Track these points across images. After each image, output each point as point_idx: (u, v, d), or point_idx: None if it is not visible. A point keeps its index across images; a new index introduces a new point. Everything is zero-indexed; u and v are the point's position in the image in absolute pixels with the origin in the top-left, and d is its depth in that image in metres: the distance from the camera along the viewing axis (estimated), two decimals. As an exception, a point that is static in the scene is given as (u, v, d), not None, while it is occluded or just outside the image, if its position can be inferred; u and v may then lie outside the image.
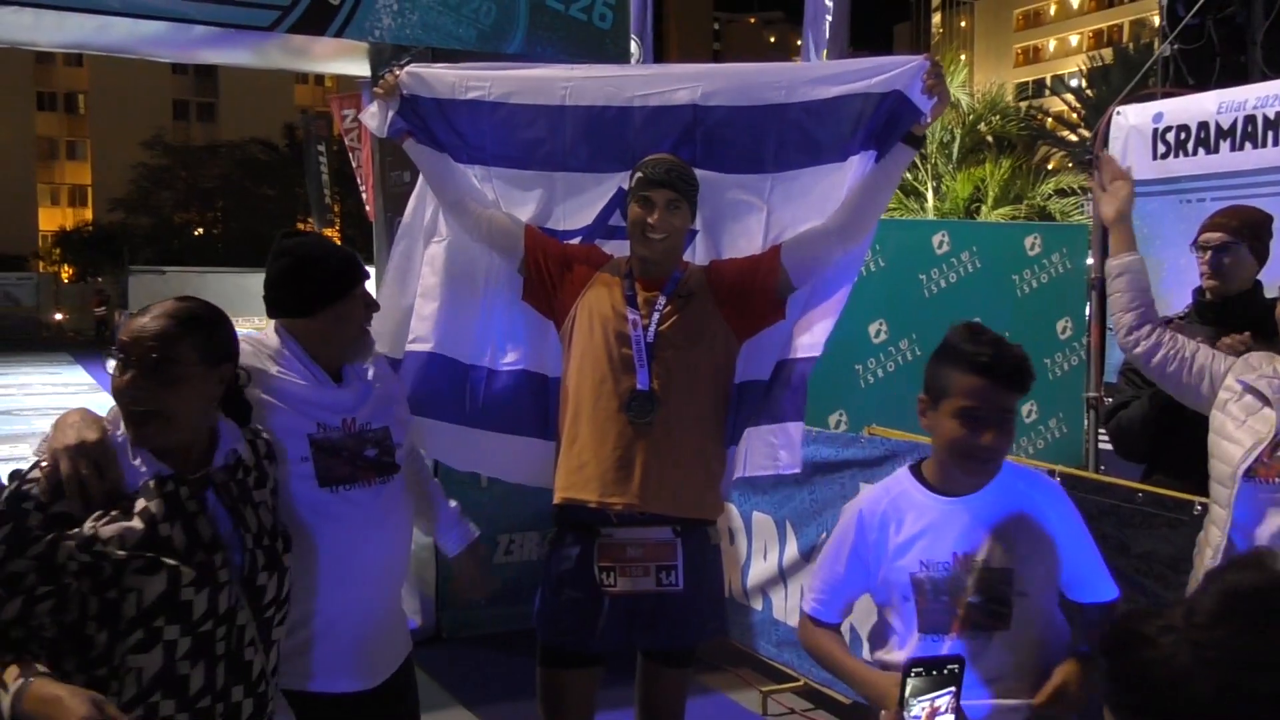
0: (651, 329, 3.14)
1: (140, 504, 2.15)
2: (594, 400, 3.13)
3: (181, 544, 2.16)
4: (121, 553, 2.09)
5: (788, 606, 4.87)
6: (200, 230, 54.18)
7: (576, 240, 3.44)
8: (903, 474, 2.61)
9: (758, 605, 5.07)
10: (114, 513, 2.13)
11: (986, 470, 2.47)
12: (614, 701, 3.33)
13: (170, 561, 2.12)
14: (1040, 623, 2.46)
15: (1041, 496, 2.52)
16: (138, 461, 2.18)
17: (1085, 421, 7.09)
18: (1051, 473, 3.61)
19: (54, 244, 58.12)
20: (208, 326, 2.27)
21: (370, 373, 2.86)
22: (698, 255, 3.43)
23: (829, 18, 16.59)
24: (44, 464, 2.14)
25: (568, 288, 3.26)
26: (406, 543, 2.95)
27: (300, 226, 51.45)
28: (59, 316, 42.67)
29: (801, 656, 4.78)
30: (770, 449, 3.37)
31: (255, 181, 51.74)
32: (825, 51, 16.70)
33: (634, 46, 15.39)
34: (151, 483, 2.17)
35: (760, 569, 5.03)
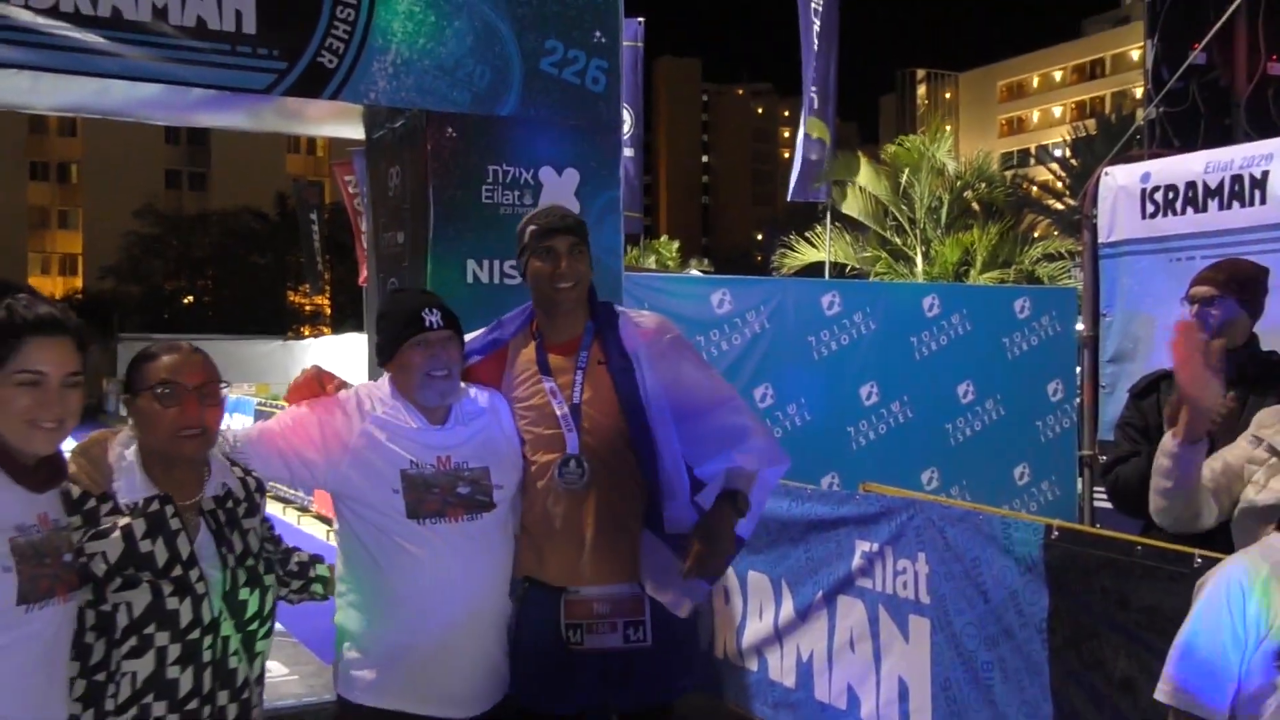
0: (576, 392, 3.12)
1: (124, 521, 2.41)
2: (532, 476, 3.13)
3: (163, 559, 2.42)
4: (103, 567, 2.37)
5: (783, 666, 4.80)
6: (190, 298, 54.33)
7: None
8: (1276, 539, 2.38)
9: (753, 665, 5.01)
10: (101, 529, 2.40)
11: None
12: None
13: (146, 577, 2.39)
14: None
15: None
16: (135, 479, 2.48)
17: (1079, 481, 7.08)
18: (1049, 527, 3.60)
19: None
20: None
21: (478, 416, 3.06)
22: None
23: (814, 89, 16.92)
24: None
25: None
26: (499, 580, 3.04)
27: (291, 295, 52.06)
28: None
29: (798, 717, 4.71)
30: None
31: (247, 249, 52.07)
32: (817, 123, 17.01)
33: (627, 115, 15.69)
34: (140, 502, 2.45)
35: (756, 628, 4.97)
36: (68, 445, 2.43)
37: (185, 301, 53.74)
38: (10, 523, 2.19)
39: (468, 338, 3.23)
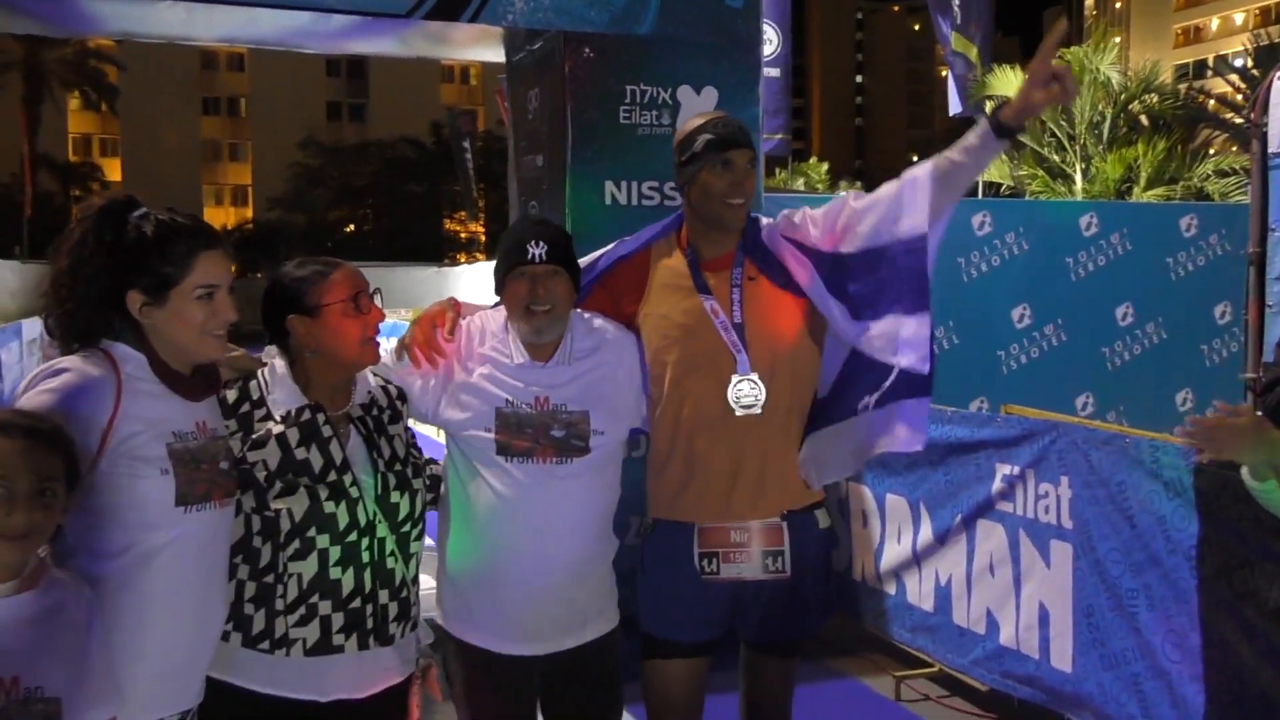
0: (737, 311, 2.95)
1: (277, 428, 2.52)
2: (676, 402, 2.96)
3: (318, 464, 2.52)
4: (264, 473, 2.49)
5: (921, 591, 4.77)
6: (351, 227, 56.05)
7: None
8: None
9: (891, 589, 4.98)
10: (257, 437, 2.51)
11: None
12: (720, 685, 3.14)
13: (304, 483, 2.49)
14: None
15: None
16: (289, 390, 2.58)
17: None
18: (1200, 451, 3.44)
19: (218, 242, 60.70)
20: None
21: (591, 354, 2.92)
22: None
23: (958, 4, 16.24)
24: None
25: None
26: (590, 525, 2.90)
27: (447, 223, 53.22)
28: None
29: (936, 641, 4.69)
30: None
31: (403, 179, 53.37)
32: (961, 39, 16.37)
33: (773, 34, 15.36)
34: (292, 411, 2.55)
35: (894, 552, 4.94)
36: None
37: (347, 230, 55.47)
38: (168, 429, 2.31)
39: (593, 256, 3.13)
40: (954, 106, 17.12)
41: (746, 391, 2.91)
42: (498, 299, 2.94)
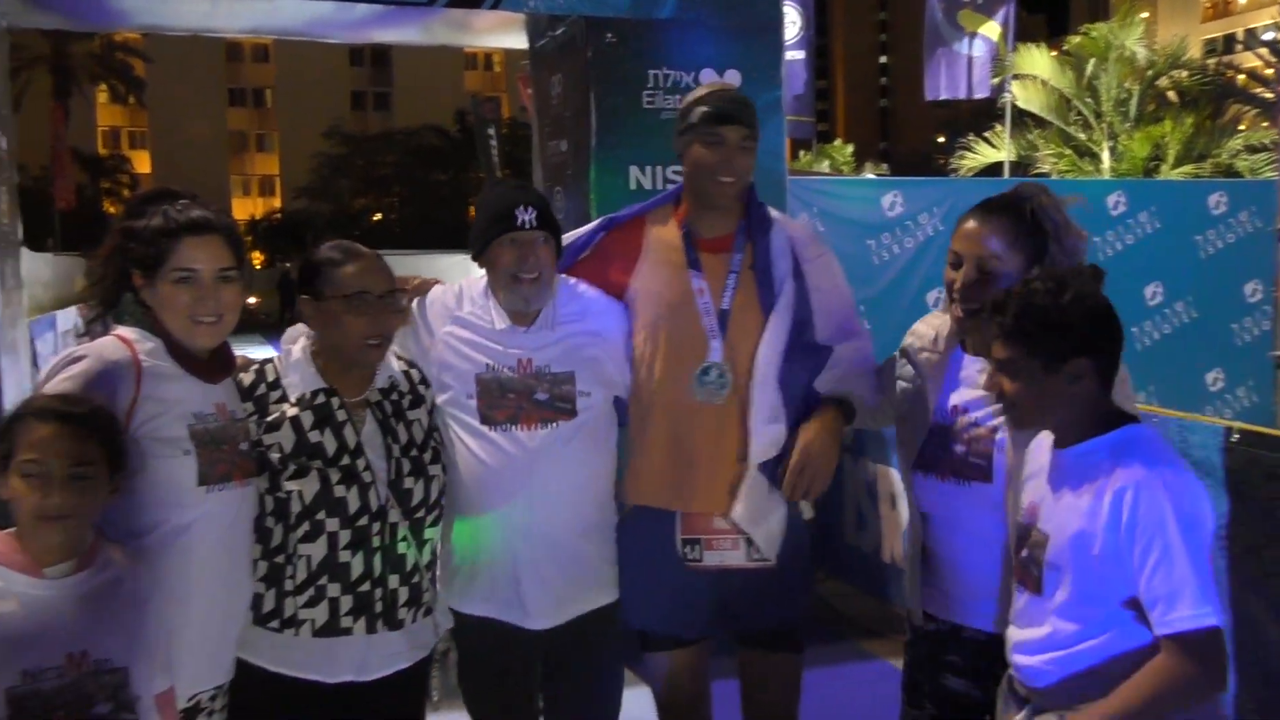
0: (727, 297, 2.86)
1: (291, 411, 2.54)
2: (657, 381, 2.87)
3: (331, 448, 2.53)
4: (278, 455, 2.51)
5: (950, 572, 4.76)
6: (377, 215, 56.19)
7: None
8: None
9: (919, 571, 4.98)
10: (272, 419, 2.53)
11: (1013, 419, 2.33)
12: (729, 670, 3.03)
13: (316, 466, 2.50)
14: (1074, 606, 2.19)
15: (1113, 479, 2.15)
16: (306, 373, 2.59)
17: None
18: (1229, 430, 3.43)
19: (246, 232, 61.16)
20: None
21: (576, 320, 2.85)
22: None
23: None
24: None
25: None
26: (581, 491, 2.83)
27: (473, 211, 53.09)
28: (251, 300, 44.92)
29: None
30: None
31: (428, 167, 53.42)
32: (976, 16, 16.20)
33: (796, 16, 15.29)
34: (306, 394, 2.56)
35: (921, 534, 4.93)
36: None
37: (373, 219, 55.65)
38: (188, 410, 2.37)
39: (580, 230, 3.05)
40: (943, 90, 16.84)
41: (713, 377, 2.83)
42: (477, 265, 2.85)
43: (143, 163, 61.50)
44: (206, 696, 2.44)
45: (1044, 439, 2.36)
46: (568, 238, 2.97)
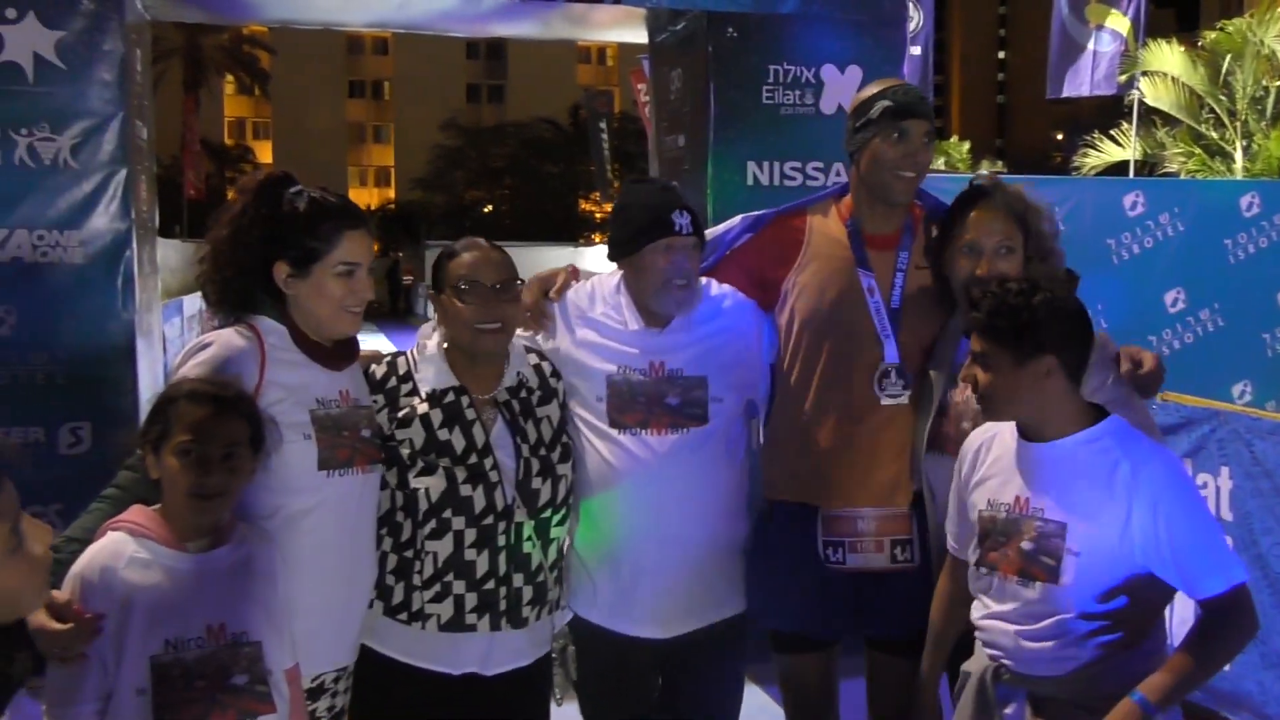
0: (896, 295, 2.82)
1: (422, 407, 2.56)
2: (833, 383, 2.83)
3: (460, 446, 2.54)
4: (408, 452, 2.51)
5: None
6: (489, 207, 56.94)
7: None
8: None
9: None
10: (403, 415, 2.56)
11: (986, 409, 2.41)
12: (856, 669, 3.03)
13: (444, 464, 2.51)
14: (1093, 591, 2.29)
15: (1127, 463, 2.29)
16: (440, 369, 2.60)
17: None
18: None
19: (362, 222, 62.38)
20: None
21: (711, 320, 2.82)
22: None
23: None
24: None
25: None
26: (710, 500, 2.79)
27: (583, 204, 53.76)
28: (365, 289, 45.76)
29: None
30: None
31: (540, 159, 53.93)
32: (1105, 10, 15.67)
33: (915, 10, 15.02)
34: (436, 390, 2.58)
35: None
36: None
37: (485, 210, 56.41)
38: (311, 395, 2.43)
39: (719, 229, 3.05)
40: (1066, 88, 16.28)
41: (893, 379, 2.79)
42: (616, 265, 2.82)
43: (265, 153, 63.25)
44: (330, 678, 2.50)
45: (983, 441, 2.49)
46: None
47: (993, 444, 2.47)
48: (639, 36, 5.71)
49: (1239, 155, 17.40)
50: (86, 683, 2.02)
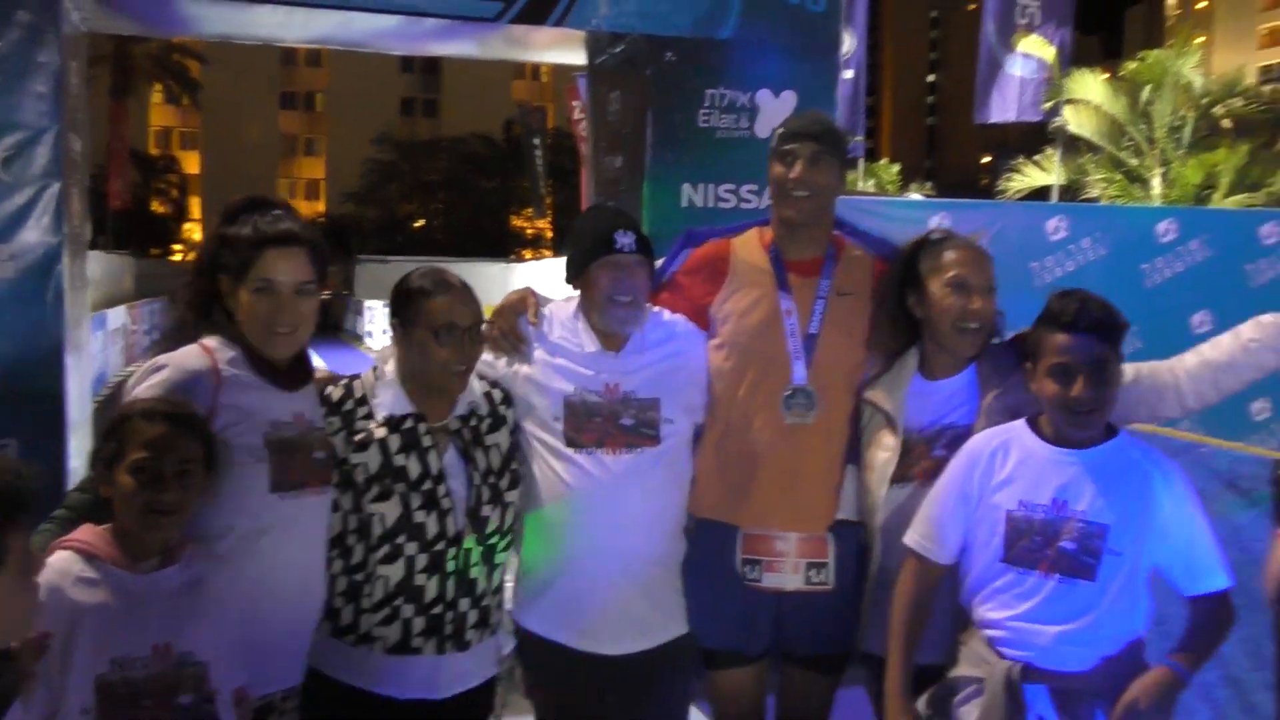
0: (815, 322, 2.90)
1: (379, 432, 2.57)
2: (738, 401, 2.90)
3: (415, 472, 2.56)
4: (363, 476, 2.52)
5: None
6: (422, 221, 56.61)
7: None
8: (1019, 423, 2.64)
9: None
10: (361, 438, 2.57)
11: (1088, 422, 2.51)
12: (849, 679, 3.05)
13: (399, 490, 2.53)
14: (1125, 588, 2.48)
15: (1155, 471, 2.54)
16: (395, 394, 2.63)
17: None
18: (1278, 463, 3.44)
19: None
20: None
21: (662, 344, 2.89)
22: None
23: (1036, 3, 15.89)
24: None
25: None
26: (659, 519, 2.86)
27: (516, 220, 53.66)
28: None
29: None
30: None
31: (474, 175, 53.78)
32: (1032, 38, 16.03)
33: (848, 35, 15.26)
34: (394, 416, 2.59)
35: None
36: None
37: (417, 225, 56.05)
38: (265, 418, 2.44)
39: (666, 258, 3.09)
40: (988, 113, 16.63)
41: (799, 401, 2.86)
42: (571, 288, 2.90)
43: (192, 163, 62.32)
44: (279, 698, 2.50)
45: (999, 443, 2.59)
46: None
47: (1010, 447, 2.58)
48: (578, 58, 5.76)
49: (1157, 182, 17.92)
50: (31, 702, 2.01)
